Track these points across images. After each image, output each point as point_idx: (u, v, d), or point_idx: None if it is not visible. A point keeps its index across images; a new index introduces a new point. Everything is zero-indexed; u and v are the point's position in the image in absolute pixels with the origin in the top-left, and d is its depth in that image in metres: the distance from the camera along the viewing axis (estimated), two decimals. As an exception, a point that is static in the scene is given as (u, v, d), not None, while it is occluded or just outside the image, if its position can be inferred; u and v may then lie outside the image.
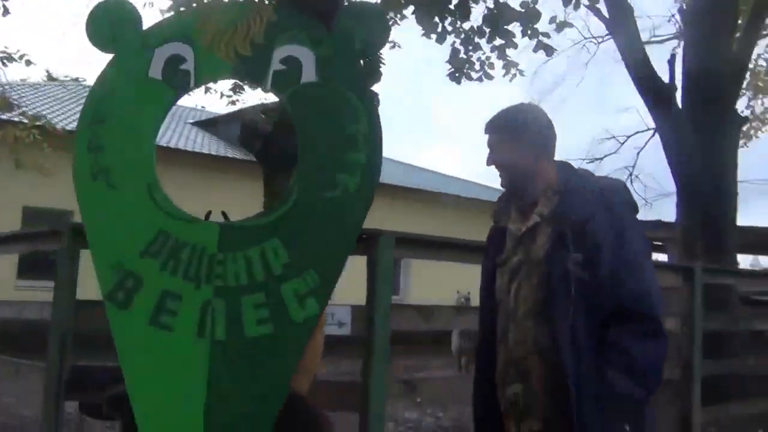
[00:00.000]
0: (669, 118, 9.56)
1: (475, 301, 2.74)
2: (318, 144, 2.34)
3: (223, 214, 2.43)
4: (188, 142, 18.33)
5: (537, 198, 2.37)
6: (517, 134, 2.36)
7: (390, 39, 6.02)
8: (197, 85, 2.45)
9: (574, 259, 2.20)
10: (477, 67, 9.28)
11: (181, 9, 7.14)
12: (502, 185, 2.47)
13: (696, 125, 9.16)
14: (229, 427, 2.24)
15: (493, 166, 2.41)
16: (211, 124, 20.61)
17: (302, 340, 2.27)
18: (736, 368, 7.61)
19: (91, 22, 2.48)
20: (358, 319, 3.95)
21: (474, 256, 5.64)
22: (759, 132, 17.17)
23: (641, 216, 2.58)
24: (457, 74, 9.20)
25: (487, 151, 2.41)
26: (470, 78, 9.25)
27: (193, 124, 20.69)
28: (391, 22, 8.56)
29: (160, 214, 2.31)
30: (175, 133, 18.44)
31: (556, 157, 2.43)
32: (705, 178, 9.04)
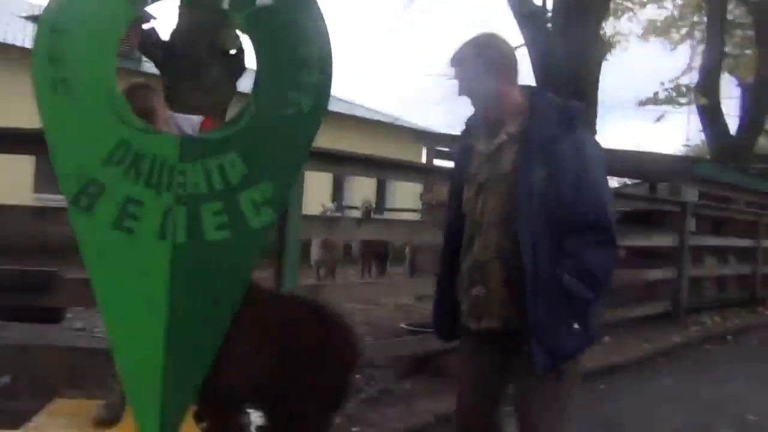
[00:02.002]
0: (540, 38, 10.21)
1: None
2: (272, 65, 2.51)
3: None
4: (18, 37, 16.52)
5: (504, 119, 2.55)
6: (483, 63, 2.55)
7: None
8: (155, 0, 2.52)
9: (538, 175, 2.40)
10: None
11: None
12: (474, 111, 2.67)
13: (564, 44, 9.79)
14: (191, 324, 2.44)
15: (464, 95, 2.60)
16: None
17: (258, 246, 2.50)
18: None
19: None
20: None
21: (391, 172, 5.92)
22: (608, 55, 18.08)
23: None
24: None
25: (456, 82, 2.61)
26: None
27: (26, 18, 18.84)
28: None
29: (120, 124, 2.42)
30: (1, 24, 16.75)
31: None
32: (570, 98, 9.66)
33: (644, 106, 16.61)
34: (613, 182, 17.54)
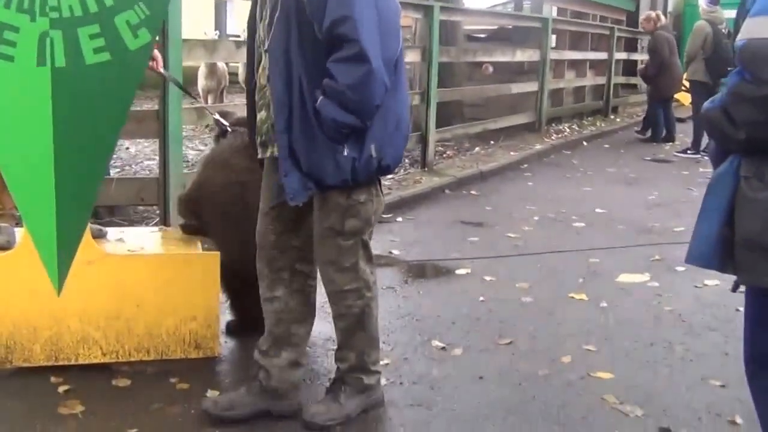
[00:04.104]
0: None
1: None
2: None
3: None
4: None
5: None
6: None
7: None
8: None
9: None
10: None
11: None
12: None
13: None
14: (77, 145, 2.52)
15: None
16: None
17: (138, 67, 2.56)
18: (460, 95, 8.87)
19: None
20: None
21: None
22: None
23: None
24: None
25: None
26: None
27: None
28: None
29: (-15, -54, 2.34)
30: None
31: None
32: None
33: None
34: (484, 2, 17.73)
